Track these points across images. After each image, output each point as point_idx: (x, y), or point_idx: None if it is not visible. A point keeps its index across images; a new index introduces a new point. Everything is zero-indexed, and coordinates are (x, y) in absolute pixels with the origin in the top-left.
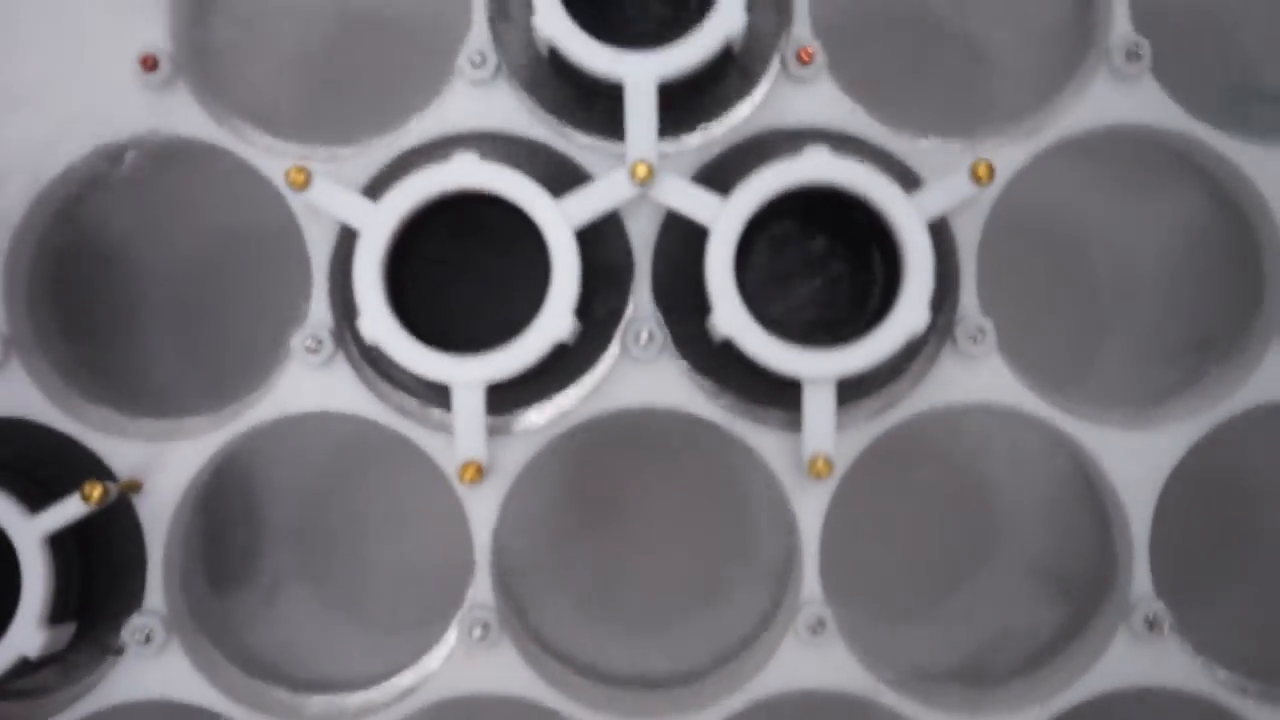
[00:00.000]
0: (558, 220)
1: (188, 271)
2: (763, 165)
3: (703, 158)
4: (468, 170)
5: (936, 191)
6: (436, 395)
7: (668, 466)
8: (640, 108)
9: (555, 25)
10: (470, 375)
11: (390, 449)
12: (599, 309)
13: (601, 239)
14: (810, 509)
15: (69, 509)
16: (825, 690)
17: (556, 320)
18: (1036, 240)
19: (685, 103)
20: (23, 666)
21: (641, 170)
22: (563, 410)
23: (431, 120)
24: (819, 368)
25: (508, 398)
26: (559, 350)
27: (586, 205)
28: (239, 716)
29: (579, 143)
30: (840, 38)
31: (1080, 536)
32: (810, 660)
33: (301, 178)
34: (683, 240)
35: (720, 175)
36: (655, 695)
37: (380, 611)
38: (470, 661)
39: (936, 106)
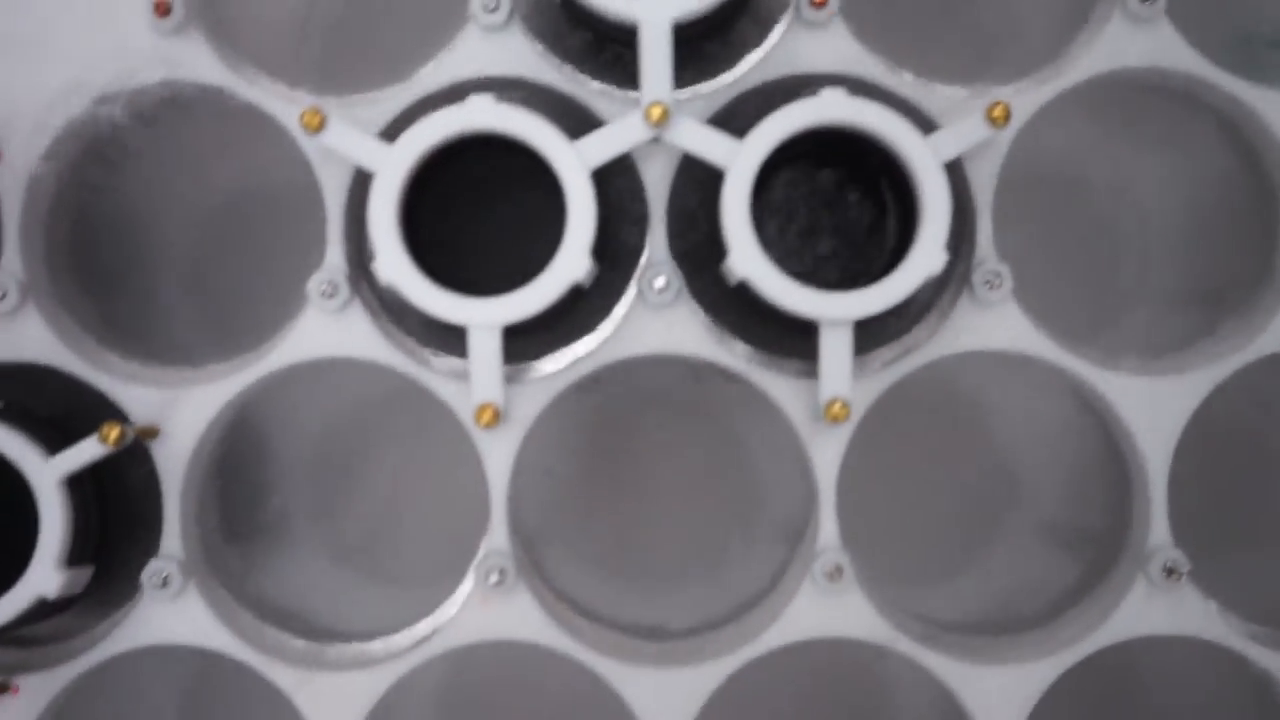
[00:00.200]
0: (574, 162)
1: (203, 222)
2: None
3: (715, 104)
4: (483, 112)
5: (952, 134)
6: (452, 342)
7: (684, 418)
8: (655, 49)
9: None
10: (487, 317)
11: (406, 396)
12: (615, 254)
13: (617, 184)
14: (827, 456)
15: (86, 450)
16: (843, 638)
17: (573, 262)
18: (1053, 189)
19: (699, 49)
20: (41, 608)
21: (656, 112)
22: (578, 357)
23: (445, 67)
24: (836, 309)
25: (524, 346)
26: (575, 294)
27: (602, 147)
28: (255, 662)
29: (592, 89)
30: None
31: (1098, 485)
32: (828, 608)
33: (316, 120)
34: (698, 187)
35: (733, 122)
36: (671, 643)
37: (396, 560)
38: (487, 607)
39: (951, 52)
